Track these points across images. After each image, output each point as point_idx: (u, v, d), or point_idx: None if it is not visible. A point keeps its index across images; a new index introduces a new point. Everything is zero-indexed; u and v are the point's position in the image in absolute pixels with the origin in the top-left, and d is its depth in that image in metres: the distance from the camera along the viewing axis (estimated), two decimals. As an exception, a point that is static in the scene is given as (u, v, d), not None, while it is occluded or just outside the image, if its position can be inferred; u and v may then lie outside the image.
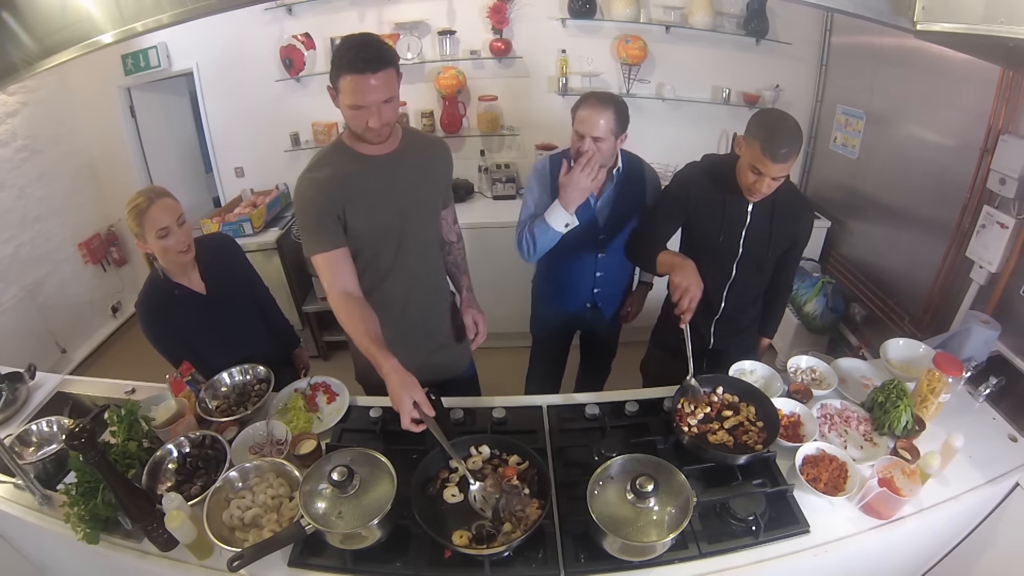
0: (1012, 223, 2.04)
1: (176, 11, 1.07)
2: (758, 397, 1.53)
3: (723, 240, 1.72)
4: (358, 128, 1.39)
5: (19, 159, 3.18)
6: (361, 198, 1.47)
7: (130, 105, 3.55)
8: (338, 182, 1.45)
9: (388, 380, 1.28)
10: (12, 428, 1.63)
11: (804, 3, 1.32)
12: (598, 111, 1.73)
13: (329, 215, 1.44)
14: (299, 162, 3.54)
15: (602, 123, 1.72)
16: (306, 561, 1.21)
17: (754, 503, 1.27)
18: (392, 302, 1.62)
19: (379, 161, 1.49)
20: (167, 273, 1.68)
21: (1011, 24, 0.97)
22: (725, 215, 1.70)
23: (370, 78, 1.28)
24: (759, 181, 1.53)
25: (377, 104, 1.33)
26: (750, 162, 1.53)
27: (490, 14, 3.14)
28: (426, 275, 1.69)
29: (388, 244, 1.55)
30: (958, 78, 2.31)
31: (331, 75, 1.34)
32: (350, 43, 1.30)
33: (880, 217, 2.97)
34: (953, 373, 1.54)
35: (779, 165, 1.48)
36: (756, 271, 1.80)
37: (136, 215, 1.57)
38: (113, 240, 3.82)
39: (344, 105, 1.35)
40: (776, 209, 1.68)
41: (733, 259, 1.75)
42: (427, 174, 1.59)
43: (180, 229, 1.61)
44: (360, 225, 1.48)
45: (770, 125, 1.51)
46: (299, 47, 3.20)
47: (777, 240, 1.73)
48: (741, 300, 1.85)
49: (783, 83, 3.30)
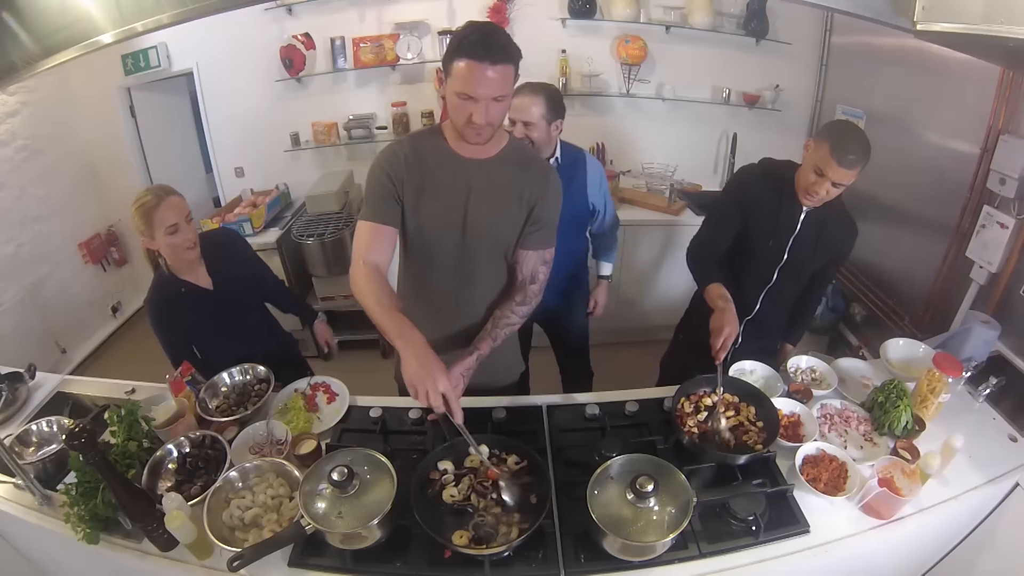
0: (1012, 223, 2.04)
1: (176, 11, 1.07)
2: (758, 397, 1.52)
3: (772, 245, 1.74)
4: (459, 120, 1.26)
5: (19, 159, 3.18)
6: (427, 193, 1.37)
7: (130, 105, 3.56)
8: (413, 166, 1.36)
9: (407, 358, 1.18)
10: (12, 428, 1.63)
11: (804, 3, 1.32)
12: (528, 97, 1.84)
13: (390, 191, 1.36)
14: (299, 162, 3.54)
15: (533, 109, 1.84)
16: (306, 561, 1.21)
17: (754, 503, 1.26)
18: (432, 310, 1.52)
19: (464, 163, 1.38)
20: (173, 271, 1.70)
21: (1011, 24, 0.97)
22: (778, 220, 1.72)
23: (488, 68, 1.17)
24: (819, 183, 1.55)
25: (487, 99, 1.21)
26: (815, 162, 1.54)
27: (490, 14, 3.14)
28: (475, 303, 1.51)
29: (443, 255, 1.44)
30: (958, 78, 2.31)
31: (444, 57, 1.23)
32: (475, 27, 1.21)
33: (880, 217, 2.96)
34: (953, 373, 1.54)
35: (843, 170, 1.50)
36: (795, 280, 1.83)
37: (144, 213, 1.58)
38: (113, 240, 3.82)
39: (451, 91, 1.23)
40: (826, 222, 1.71)
41: (777, 264, 1.77)
42: (513, 197, 1.41)
43: (188, 226, 1.63)
44: (413, 221, 1.40)
45: (844, 130, 1.57)
46: (299, 47, 3.19)
47: (821, 253, 1.76)
48: (775, 306, 1.88)
49: (783, 83, 3.30)
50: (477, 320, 1.51)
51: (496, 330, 1.45)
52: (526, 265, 1.48)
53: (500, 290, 1.53)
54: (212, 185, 3.89)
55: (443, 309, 1.53)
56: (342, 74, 3.32)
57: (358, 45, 3.20)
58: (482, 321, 1.50)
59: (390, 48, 3.18)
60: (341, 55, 3.24)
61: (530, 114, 1.84)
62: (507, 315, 1.46)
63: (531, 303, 1.50)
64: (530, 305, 1.50)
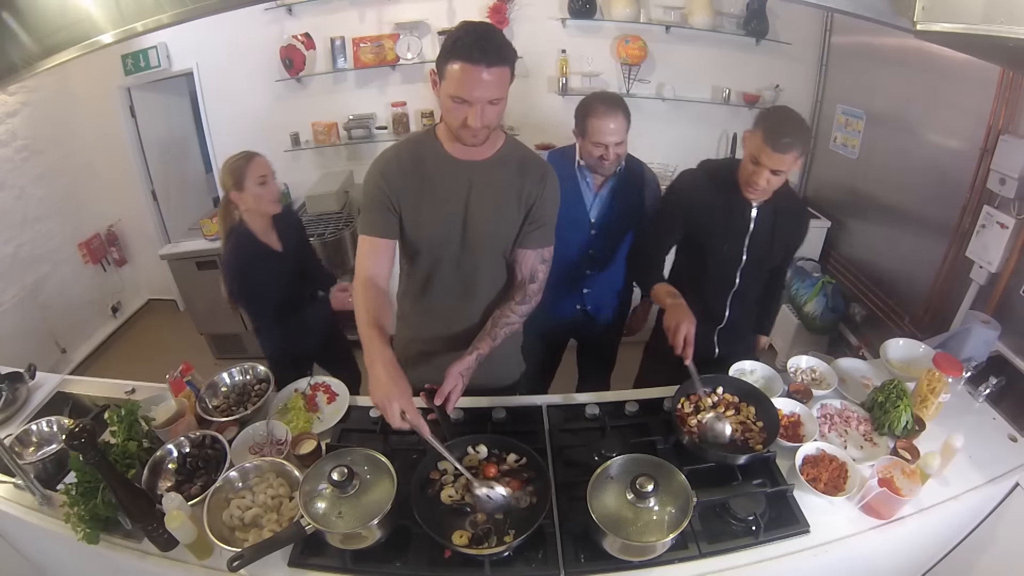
0: (1012, 223, 2.04)
1: (176, 11, 1.07)
2: (758, 397, 1.52)
3: (727, 249, 1.70)
4: (454, 123, 1.25)
5: (19, 159, 3.18)
6: (425, 198, 1.36)
7: (130, 105, 3.55)
8: (408, 173, 1.35)
9: (371, 373, 1.20)
10: (12, 428, 1.63)
11: (804, 3, 1.32)
12: (615, 115, 1.69)
13: (384, 203, 1.36)
14: (299, 162, 3.54)
15: (623, 127, 1.71)
16: (306, 561, 1.21)
17: (754, 503, 1.27)
18: (433, 311, 1.54)
19: (461, 165, 1.36)
20: (253, 230, 1.91)
21: (1011, 24, 0.97)
22: (729, 222, 1.66)
23: (483, 71, 1.15)
24: (758, 172, 1.50)
25: (482, 102, 1.20)
26: (751, 152, 1.51)
27: (490, 14, 3.14)
28: (476, 303, 1.52)
29: (444, 259, 1.44)
30: (958, 78, 2.31)
31: (438, 59, 1.22)
32: (469, 28, 1.18)
33: (880, 217, 2.96)
34: (953, 373, 1.54)
35: (779, 155, 1.44)
36: (757, 279, 1.79)
37: (236, 168, 1.82)
38: (113, 240, 3.82)
39: (445, 94, 1.21)
40: (778, 215, 1.66)
41: (737, 267, 1.73)
42: (511, 197, 1.40)
43: (273, 183, 1.88)
44: (412, 228, 1.40)
45: (776, 115, 1.51)
46: (299, 47, 3.19)
47: (778, 247, 1.72)
48: (744, 307, 1.83)
49: (783, 83, 3.30)
50: (478, 321, 1.51)
51: (496, 329, 1.44)
52: (525, 264, 1.47)
53: (500, 290, 1.53)
54: (212, 185, 3.89)
55: (445, 311, 1.53)
56: (342, 74, 3.32)
57: (358, 45, 3.20)
58: (481, 321, 1.50)
59: (390, 48, 3.18)
60: (341, 55, 3.24)
61: (621, 133, 1.70)
62: (507, 314, 1.46)
63: (531, 302, 1.49)
64: (530, 304, 1.49)
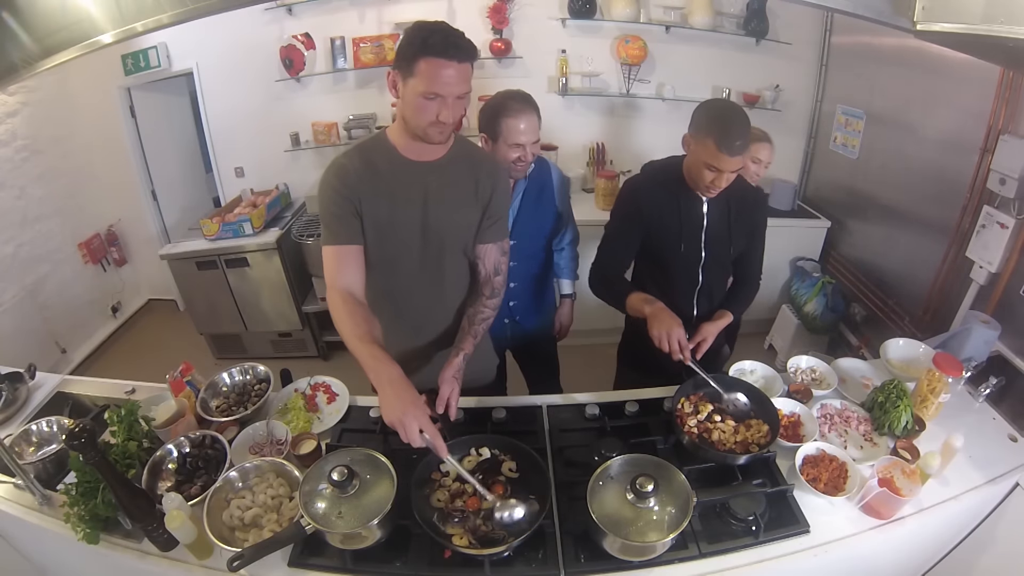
0: (1012, 223, 2.05)
1: (176, 11, 1.07)
2: (758, 397, 1.52)
3: (684, 249, 1.66)
4: (424, 121, 1.23)
5: (19, 159, 3.18)
6: (383, 202, 1.35)
7: (130, 105, 3.56)
8: (364, 177, 1.34)
9: (382, 393, 1.17)
10: (12, 428, 1.63)
11: (804, 3, 1.32)
12: (529, 113, 1.67)
13: (346, 208, 1.34)
14: (299, 162, 3.55)
15: (536, 125, 1.69)
16: (306, 561, 1.21)
17: (754, 503, 1.27)
18: (404, 319, 1.53)
19: (417, 167, 1.36)
20: None
21: (1011, 24, 0.97)
22: (683, 221, 1.64)
23: (456, 66, 1.17)
24: (717, 178, 1.49)
25: (454, 96, 1.21)
26: (705, 160, 1.48)
27: (490, 14, 3.14)
28: (446, 304, 1.53)
29: (408, 263, 1.44)
30: (958, 78, 2.31)
31: (403, 57, 1.20)
32: (435, 26, 1.19)
33: (880, 217, 2.97)
34: (953, 373, 1.54)
35: (736, 158, 1.44)
36: (721, 273, 1.77)
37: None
38: (113, 240, 3.82)
39: (415, 92, 1.20)
40: (731, 205, 1.64)
41: (698, 265, 1.70)
42: (468, 195, 1.42)
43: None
44: (374, 230, 1.38)
45: (720, 118, 1.46)
46: (299, 47, 3.20)
47: (737, 237, 1.70)
48: (712, 304, 1.78)
49: (783, 83, 3.30)
50: (450, 322, 1.54)
51: (475, 327, 1.47)
52: (488, 259, 1.49)
53: (466, 289, 1.54)
54: (212, 185, 3.89)
55: (414, 316, 1.53)
56: (342, 74, 3.33)
57: (358, 45, 3.21)
58: (455, 322, 1.52)
59: (390, 48, 3.18)
60: (341, 55, 3.24)
61: (537, 131, 1.69)
62: (481, 310, 1.49)
63: (499, 295, 1.53)
64: (499, 297, 1.53)
